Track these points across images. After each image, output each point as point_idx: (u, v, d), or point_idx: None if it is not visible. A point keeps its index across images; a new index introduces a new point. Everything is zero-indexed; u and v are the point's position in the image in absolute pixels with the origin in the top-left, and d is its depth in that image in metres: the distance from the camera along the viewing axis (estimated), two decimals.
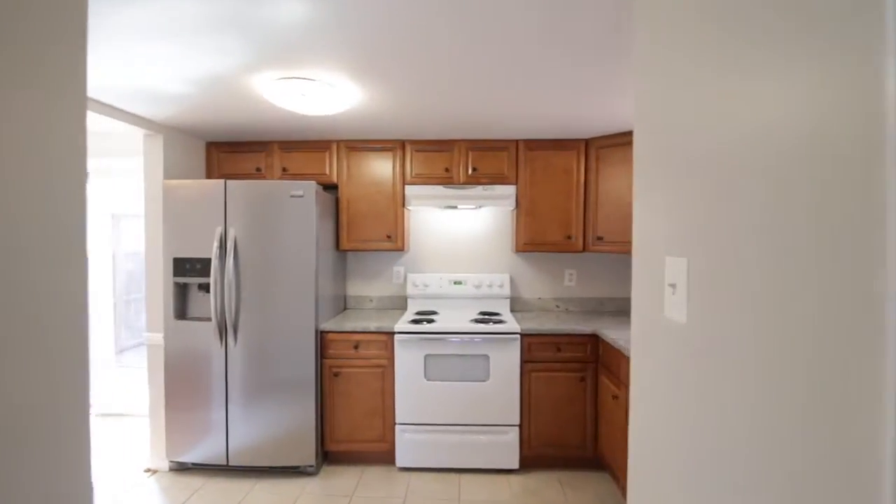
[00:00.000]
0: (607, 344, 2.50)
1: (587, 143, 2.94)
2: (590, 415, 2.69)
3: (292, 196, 2.58)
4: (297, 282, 2.60)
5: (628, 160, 2.72)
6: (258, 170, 3.05)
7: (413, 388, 2.69)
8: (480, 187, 3.00)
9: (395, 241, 3.03)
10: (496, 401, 2.68)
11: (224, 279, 2.55)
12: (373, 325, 2.72)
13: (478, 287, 3.23)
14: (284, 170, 3.02)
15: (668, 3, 0.84)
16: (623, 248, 2.77)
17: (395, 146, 3.00)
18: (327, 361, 2.73)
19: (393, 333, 2.72)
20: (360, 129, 2.79)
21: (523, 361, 2.70)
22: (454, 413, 2.70)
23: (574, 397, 2.70)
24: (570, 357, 2.69)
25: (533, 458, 2.76)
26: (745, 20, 0.62)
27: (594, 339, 2.68)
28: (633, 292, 1.01)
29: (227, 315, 2.56)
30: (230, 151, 3.09)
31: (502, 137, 2.96)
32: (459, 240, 3.35)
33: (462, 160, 2.99)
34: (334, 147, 3.02)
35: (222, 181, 2.59)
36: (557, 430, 2.70)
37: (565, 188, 2.97)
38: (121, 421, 3.45)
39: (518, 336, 2.66)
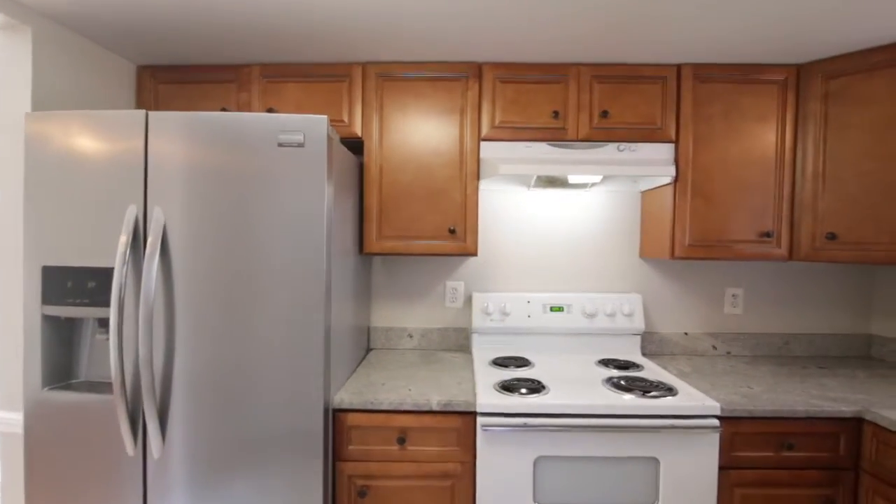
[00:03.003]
0: None
1: (800, 69, 1.69)
2: None
3: (282, 144, 1.29)
4: (290, 313, 1.30)
5: (892, 96, 1.47)
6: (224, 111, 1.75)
7: None
8: (613, 146, 1.72)
9: (461, 238, 1.75)
10: None
11: (141, 309, 1.24)
12: (434, 399, 1.43)
13: (590, 316, 1.95)
14: (270, 112, 1.72)
15: None
16: (883, 257, 1.51)
17: (467, 73, 1.72)
18: (346, 467, 1.43)
19: (474, 415, 1.43)
20: (404, 39, 1.51)
21: (721, 468, 1.42)
22: None
23: None
24: (809, 460, 1.42)
25: None
26: None
27: (857, 426, 1.41)
28: None
29: (144, 383, 1.25)
30: (179, 82, 1.78)
31: (652, 61, 1.70)
32: (556, 240, 2.07)
33: (583, 99, 1.72)
34: (358, 74, 1.74)
35: (141, 112, 1.29)
36: None
37: (762, 150, 1.71)
38: None
39: (716, 421, 1.39)
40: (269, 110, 1.74)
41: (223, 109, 1.76)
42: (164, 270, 1.28)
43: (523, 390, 1.49)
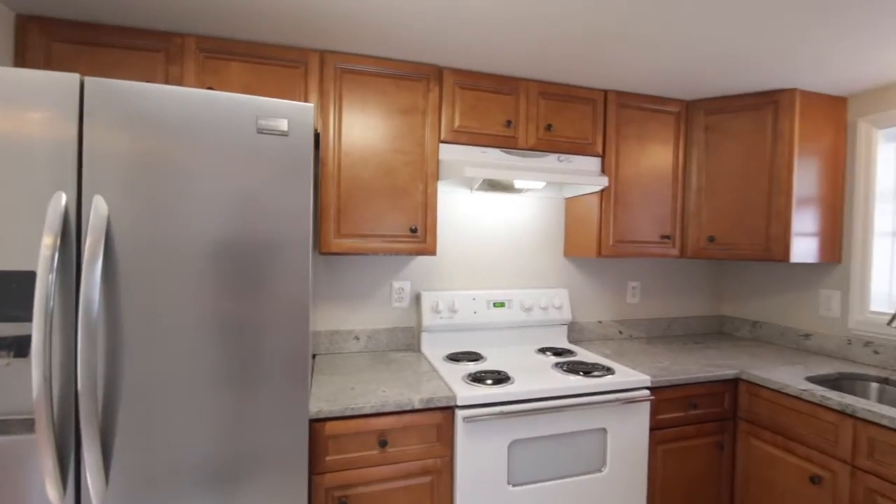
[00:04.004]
0: (769, 392, 1.67)
1: (689, 105, 2.11)
2: (725, 495, 1.83)
3: (262, 131, 1.16)
4: (271, 318, 1.18)
5: (758, 131, 1.96)
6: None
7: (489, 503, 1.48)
8: (555, 156, 1.93)
9: (422, 238, 1.77)
10: (615, 498, 1.64)
11: (81, 323, 1.00)
12: (416, 397, 1.43)
13: (528, 310, 2.14)
14: None
15: None
16: (747, 254, 1.99)
17: (429, 74, 1.75)
18: (323, 480, 1.35)
19: (453, 409, 1.47)
20: (366, 30, 1.48)
21: (651, 430, 1.71)
22: None
23: (712, 473, 1.81)
24: (706, 415, 1.80)
25: None
26: None
27: (734, 385, 1.83)
28: None
29: (85, 412, 1.01)
30: (84, 42, 1.45)
31: (586, 85, 1.94)
32: (495, 240, 2.21)
33: (531, 111, 1.88)
34: (315, 62, 1.63)
35: (75, 76, 1.04)
36: None
37: (662, 167, 2.09)
38: None
39: (647, 392, 1.67)
40: (209, 90, 1.52)
41: None
42: (105, 272, 1.05)
43: (489, 381, 1.58)
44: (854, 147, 1.99)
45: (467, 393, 1.47)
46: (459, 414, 1.45)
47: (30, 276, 1.01)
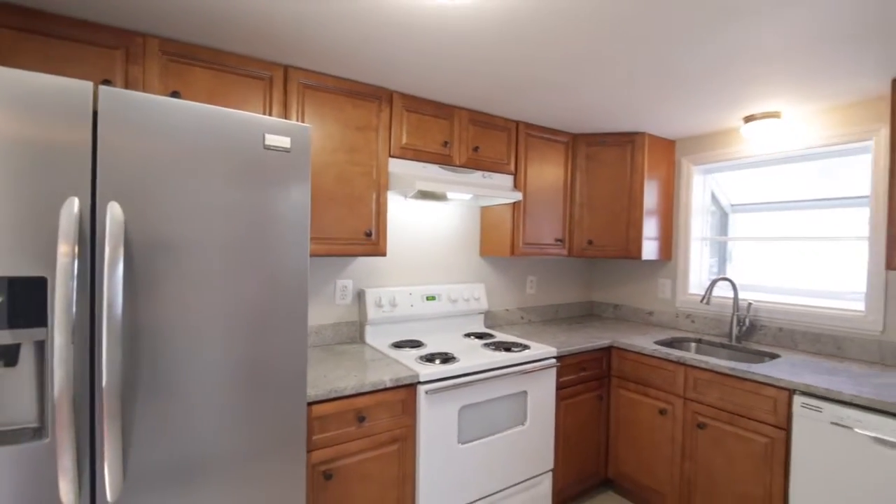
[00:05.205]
0: (632, 354, 2.31)
1: (575, 137, 2.69)
2: (603, 434, 2.44)
3: (269, 147, 1.30)
4: (278, 317, 1.32)
5: (621, 162, 2.63)
6: (106, 83, 1.44)
7: (443, 461, 1.80)
8: (480, 173, 2.32)
9: (375, 241, 1.99)
10: (532, 446, 2.09)
11: (106, 325, 1.04)
12: (387, 377, 1.67)
13: (454, 302, 2.50)
14: (174, 95, 1.52)
15: None
16: (614, 254, 2.65)
17: (380, 96, 1.98)
18: (312, 457, 1.51)
19: (416, 385, 1.75)
20: (323, 51, 1.68)
21: (557, 389, 2.21)
22: (493, 479, 1.95)
23: (595, 419, 2.39)
24: (591, 375, 2.37)
25: (562, 502, 2.30)
26: None
27: (608, 351, 2.44)
28: None
29: (109, 411, 1.05)
30: (29, 30, 1.35)
31: (503, 115, 2.37)
32: (425, 242, 2.52)
33: (463, 135, 2.24)
34: (280, 76, 1.74)
35: (88, 84, 1.06)
36: (581, 460, 2.33)
37: (556, 185, 2.63)
38: None
39: (555, 361, 2.16)
40: (174, 94, 1.54)
41: (105, 81, 1.44)
42: (125, 277, 1.10)
43: (438, 361, 1.89)
44: (679, 176, 2.79)
45: (427, 370, 1.76)
46: (421, 388, 1.74)
47: (38, 283, 1.02)
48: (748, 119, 2.28)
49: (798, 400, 1.72)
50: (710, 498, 1.99)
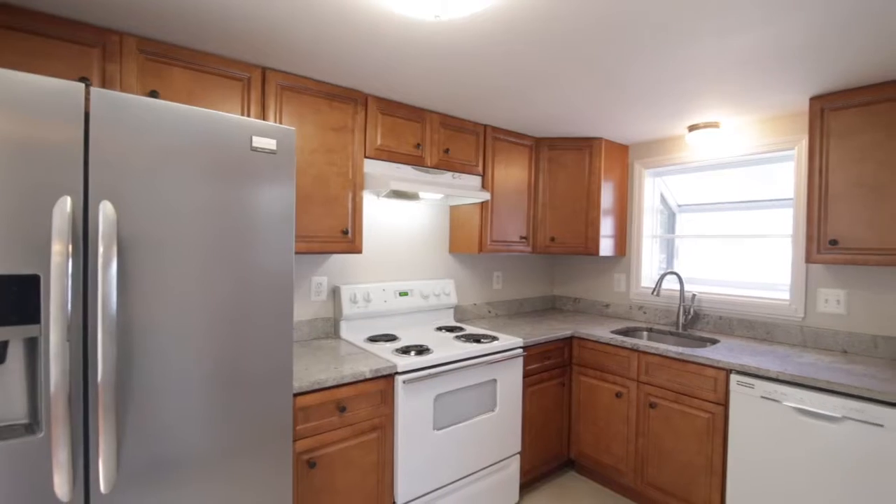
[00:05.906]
0: (591, 343, 2.50)
1: (538, 141, 2.86)
2: (565, 418, 2.62)
3: (256, 149, 1.35)
4: (266, 314, 1.38)
5: (580, 164, 2.82)
6: (84, 80, 1.43)
7: (419, 447, 1.90)
8: (450, 174, 2.43)
9: (351, 239, 2.06)
10: (502, 431, 2.23)
11: (104, 323, 1.07)
12: (366, 369, 1.75)
13: (425, 297, 2.60)
14: (153, 95, 1.54)
15: None
16: (574, 250, 2.84)
17: (356, 99, 2.04)
18: (296, 447, 1.57)
19: (394, 376, 1.84)
20: (300, 53, 1.74)
21: (524, 378, 2.36)
22: (466, 462, 2.08)
23: (558, 404, 2.56)
24: (554, 364, 2.54)
25: (528, 482, 2.46)
26: None
27: (570, 341, 2.62)
28: None
29: (105, 402, 1.08)
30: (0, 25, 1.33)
31: (472, 120, 2.49)
32: (397, 240, 2.60)
33: (434, 137, 2.34)
34: (258, 77, 1.78)
35: (80, 86, 1.08)
36: (545, 443, 2.50)
37: (521, 186, 2.79)
38: None
39: (521, 351, 2.31)
40: (153, 93, 1.55)
41: (82, 79, 1.44)
42: (117, 277, 1.12)
43: (413, 353, 1.99)
44: (632, 179, 3.02)
45: (404, 361, 1.85)
46: (399, 378, 1.83)
47: (29, 280, 1.03)
48: (692, 128, 2.52)
49: (734, 378, 1.95)
50: (659, 470, 2.21)
